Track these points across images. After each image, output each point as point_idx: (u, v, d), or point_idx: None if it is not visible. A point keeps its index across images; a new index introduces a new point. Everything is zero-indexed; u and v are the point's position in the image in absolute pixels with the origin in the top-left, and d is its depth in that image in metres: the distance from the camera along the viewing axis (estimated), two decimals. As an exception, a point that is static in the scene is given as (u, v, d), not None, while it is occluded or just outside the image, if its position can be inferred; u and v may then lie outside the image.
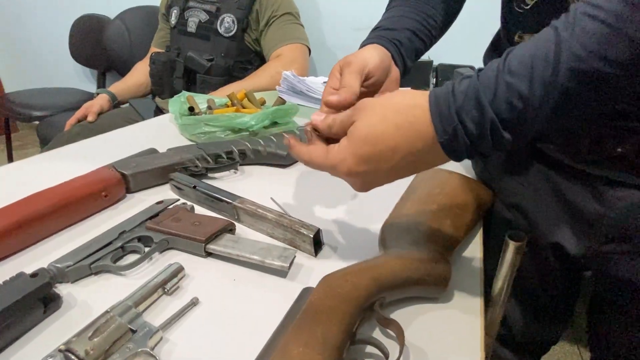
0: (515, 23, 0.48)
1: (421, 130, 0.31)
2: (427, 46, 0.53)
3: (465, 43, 1.13)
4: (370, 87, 0.44)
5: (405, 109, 0.32)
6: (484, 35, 0.57)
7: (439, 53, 1.18)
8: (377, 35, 0.48)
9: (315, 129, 0.37)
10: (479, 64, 0.60)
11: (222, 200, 0.48)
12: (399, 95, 0.34)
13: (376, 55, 0.44)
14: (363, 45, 0.48)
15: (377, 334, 0.35)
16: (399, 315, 0.36)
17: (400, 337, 0.32)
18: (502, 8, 0.51)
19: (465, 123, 0.30)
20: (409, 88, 0.43)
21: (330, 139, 0.37)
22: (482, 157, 0.32)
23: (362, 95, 0.40)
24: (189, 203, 0.50)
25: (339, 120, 0.35)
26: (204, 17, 1.22)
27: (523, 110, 0.28)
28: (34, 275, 0.33)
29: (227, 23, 1.20)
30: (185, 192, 0.52)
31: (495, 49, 0.57)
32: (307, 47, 1.25)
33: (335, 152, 0.34)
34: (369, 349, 0.33)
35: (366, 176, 0.34)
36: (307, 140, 0.38)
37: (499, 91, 0.29)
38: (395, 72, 0.47)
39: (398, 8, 0.51)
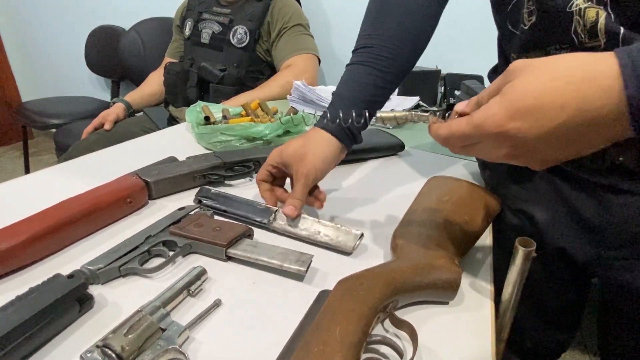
0: (510, 43, 0.49)
1: (604, 85, 0.27)
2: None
3: (473, 53, 1.15)
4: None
5: (583, 65, 0.28)
6: (492, 46, 0.59)
7: (448, 62, 1.20)
8: (335, 115, 0.48)
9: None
10: (486, 74, 0.62)
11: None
12: (568, 55, 0.29)
13: (329, 158, 0.50)
14: (319, 125, 0.51)
15: (391, 337, 0.36)
16: (410, 318, 0.38)
17: (413, 338, 0.33)
18: (499, 29, 0.53)
19: None
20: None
21: None
22: None
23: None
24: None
25: (487, 92, 0.32)
26: (217, 28, 1.26)
27: None
28: (70, 276, 0.36)
29: (239, 34, 1.23)
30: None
31: (495, 70, 0.59)
32: (317, 57, 1.28)
33: (482, 110, 0.30)
34: (384, 349, 0.35)
35: (518, 135, 0.29)
36: None
37: None
38: None
39: (356, 69, 0.53)
